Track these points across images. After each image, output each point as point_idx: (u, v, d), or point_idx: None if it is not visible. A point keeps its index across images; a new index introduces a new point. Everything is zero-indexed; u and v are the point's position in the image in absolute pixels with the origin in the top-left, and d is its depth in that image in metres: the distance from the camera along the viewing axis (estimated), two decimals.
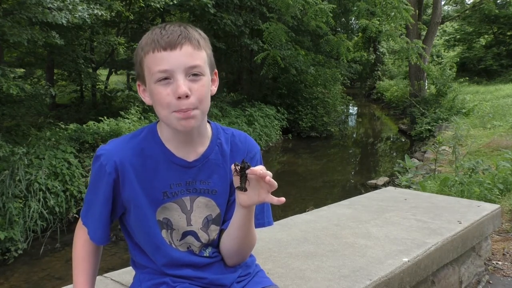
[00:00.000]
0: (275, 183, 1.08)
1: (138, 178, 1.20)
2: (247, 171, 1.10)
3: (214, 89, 1.24)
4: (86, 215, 1.26)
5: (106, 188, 1.19)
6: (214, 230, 1.28)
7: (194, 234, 1.25)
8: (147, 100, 1.20)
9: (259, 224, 1.31)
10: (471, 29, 25.01)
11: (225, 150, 1.28)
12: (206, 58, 1.17)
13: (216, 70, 1.25)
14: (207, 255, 1.27)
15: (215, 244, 1.29)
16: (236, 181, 1.14)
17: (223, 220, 1.29)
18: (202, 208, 1.25)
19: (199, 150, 1.24)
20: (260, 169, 1.08)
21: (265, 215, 1.32)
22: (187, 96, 1.11)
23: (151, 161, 1.21)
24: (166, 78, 1.12)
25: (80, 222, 1.29)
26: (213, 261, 1.28)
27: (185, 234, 1.25)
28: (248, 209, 1.18)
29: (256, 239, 1.30)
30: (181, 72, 1.11)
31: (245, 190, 1.12)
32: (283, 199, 1.09)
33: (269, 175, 1.07)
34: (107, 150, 1.20)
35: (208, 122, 1.29)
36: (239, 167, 1.11)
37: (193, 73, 1.13)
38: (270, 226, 1.34)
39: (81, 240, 1.27)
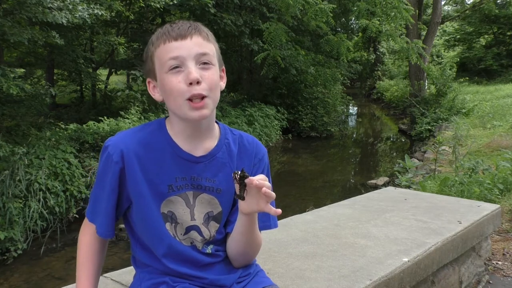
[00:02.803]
0: (272, 194, 1.10)
1: (143, 170, 1.20)
2: (246, 181, 1.11)
3: (223, 85, 1.26)
4: (92, 210, 1.26)
5: (112, 178, 1.20)
6: (213, 226, 1.28)
7: (197, 229, 1.26)
8: (157, 96, 1.22)
9: (265, 226, 1.32)
10: (471, 29, 25.01)
11: (232, 150, 1.28)
12: (215, 51, 1.21)
13: (224, 67, 1.28)
14: (209, 251, 1.27)
15: (216, 241, 1.29)
16: (236, 189, 1.15)
17: (227, 220, 1.30)
18: (204, 204, 1.26)
19: (206, 146, 1.25)
20: (257, 179, 1.09)
21: (271, 217, 1.33)
22: (198, 82, 1.13)
23: (158, 154, 1.21)
24: (177, 67, 1.14)
25: (85, 222, 1.29)
26: (214, 261, 1.28)
27: (188, 229, 1.25)
28: (249, 216, 1.20)
29: (261, 242, 1.31)
30: (191, 60, 1.14)
31: (243, 199, 1.14)
32: (279, 210, 1.13)
33: (266, 186, 1.09)
34: (114, 141, 1.22)
35: (216, 122, 1.30)
36: (238, 176, 1.12)
37: (203, 62, 1.15)
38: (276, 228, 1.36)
39: (86, 240, 1.27)
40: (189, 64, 1.14)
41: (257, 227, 1.26)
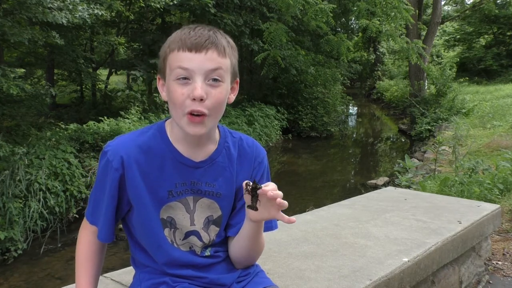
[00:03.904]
0: (285, 203, 1.09)
1: (142, 175, 1.19)
2: (258, 191, 1.11)
3: (233, 97, 1.24)
4: (92, 213, 1.25)
5: (112, 184, 1.19)
6: (213, 230, 1.28)
7: (197, 234, 1.26)
8: (163, 95, 1.21)
9: (267, 228, 1.32)
10: (471, 29, 25.01)
11: (232, 154, 1.28)
12: (229, 66, 1.17)
13: (238, 79, 1.25)
14: (208, 254, 1.28)
15: (215, 244, 1.29)
16: (247, 199, 1.15)
17: (228, 224, 1.30)
18: (204, 209, 1.26)
19: (206, 151, 1.24)
20: (270, 189, 1.09)
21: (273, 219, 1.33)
22: (201, 100, 1.11)
23: (158, 159, 1.21)
24: (185, 78, 1.12)
25: (84, 222, 1.28)
26: (214, 262, 1.28)
27: (188, 234, 1.25)
28: (258, 223, 1.20)
29: (264, 245, 1.32)
30: (201, 75, 1.11)
31: (256, 209, 1.14)
32: (293, 218, 1.11)
33: (279, 196, 1.08)
34: (114, 146, 1.20)
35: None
36: (250, 187, 1.12)
37: (213, 78, 1.13)
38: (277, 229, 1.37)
39: (85, 240, 1.27)
40: (197, 79, 1.11)
41: (262, 231, 1.27)
